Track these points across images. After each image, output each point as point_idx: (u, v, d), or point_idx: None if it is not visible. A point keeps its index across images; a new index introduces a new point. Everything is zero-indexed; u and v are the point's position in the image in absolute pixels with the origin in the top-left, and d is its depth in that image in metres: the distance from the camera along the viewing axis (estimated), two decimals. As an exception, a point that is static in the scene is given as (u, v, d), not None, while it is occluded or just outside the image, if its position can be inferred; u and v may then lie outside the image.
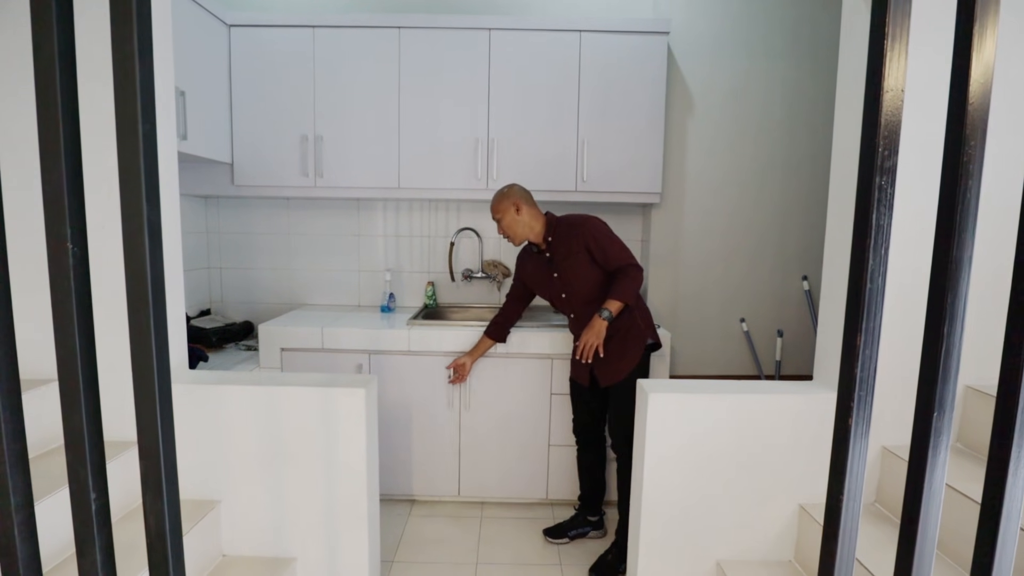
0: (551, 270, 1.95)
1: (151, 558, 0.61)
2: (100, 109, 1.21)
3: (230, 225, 2.73)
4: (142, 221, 0.55)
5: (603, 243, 1.86)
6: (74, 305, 0.57)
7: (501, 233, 1.97)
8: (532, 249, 2.02)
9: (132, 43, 0.51)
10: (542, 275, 2.00)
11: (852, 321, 0.60)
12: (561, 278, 1.93)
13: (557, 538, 2.10)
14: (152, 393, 0.58)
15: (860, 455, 0.61)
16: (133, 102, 0.53)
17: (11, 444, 0.60)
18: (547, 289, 2.01)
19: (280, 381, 1.54)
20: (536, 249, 2.00)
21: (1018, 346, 0.55)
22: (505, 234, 1.95)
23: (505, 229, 1.93)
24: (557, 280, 1.95)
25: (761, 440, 1.50)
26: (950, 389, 0.59)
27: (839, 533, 0.61)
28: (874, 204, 0.58)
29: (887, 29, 0.55)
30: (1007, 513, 0.56)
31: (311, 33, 2.32)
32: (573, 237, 1.88)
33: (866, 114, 0.57)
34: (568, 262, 1.89)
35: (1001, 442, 0.55)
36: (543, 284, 2.01)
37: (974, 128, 0.55)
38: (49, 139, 0.54)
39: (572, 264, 1.89)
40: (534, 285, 2.06)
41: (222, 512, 1.54)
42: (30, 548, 0.63)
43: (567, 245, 1.89)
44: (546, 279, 1.98)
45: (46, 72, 0.52)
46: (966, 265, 0.57)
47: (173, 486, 0.61)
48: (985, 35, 0.53)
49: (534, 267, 2.02)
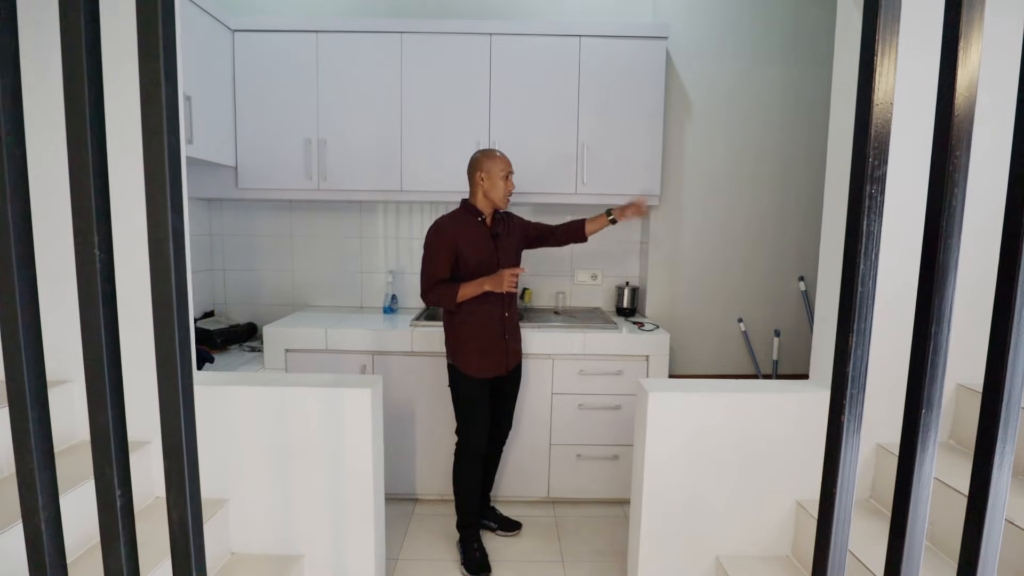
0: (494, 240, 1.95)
1: (174, 551, 0.64)
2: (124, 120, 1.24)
3: (234, 227, 2.75)
4: (167, 229, 0.57)
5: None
6: (101, 309, 0.60)
7: (511, 189, 1.93)
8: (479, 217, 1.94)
9: (159, 65, 0.54)
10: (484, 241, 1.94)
11: (844, 322, 0.63)
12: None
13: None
14: (176, 394, 0.61)
15: (852, 451, 0.64)
16: (159, 116, 0.56)
17: (39, 445, 0.63)
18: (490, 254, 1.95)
19: (287, 382, 1.56)
20: (482, 218, 1.95)
21: (1002, 344, 0.57)
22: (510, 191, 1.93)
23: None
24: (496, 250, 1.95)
25: (758, 438, 1.53)
26: (937, 387, 0.62)
27: (832, 525, 0.64)
28: (864, 211, 0.60)
29: (876, 45, 0.57)
30: (992, 505, 0.59)
31: (314, 38, 2.35)
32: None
33: (857, 125, 0.59)
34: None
35: (986, 437, 0.58)
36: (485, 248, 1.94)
37: (959, 139, 0.58)
38: (78, 152, 0.57)
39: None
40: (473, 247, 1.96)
41: (231, 511, 1.56)
42: (56, 543, 0.66)
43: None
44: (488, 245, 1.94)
45: (77, 98, 0.55)
46: (952, 269, 0.60)
47: (195, 483, 0.64)
48: (970, 50, 0.56)
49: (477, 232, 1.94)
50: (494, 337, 1.92)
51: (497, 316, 1.92)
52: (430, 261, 1.87)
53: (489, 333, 1.91)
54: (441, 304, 1.88)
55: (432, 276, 1.86)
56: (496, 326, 1.92)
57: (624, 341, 2.26)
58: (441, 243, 1.86)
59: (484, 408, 1.95)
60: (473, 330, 1.90)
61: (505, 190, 1.90)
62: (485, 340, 1.91)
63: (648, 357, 2.26)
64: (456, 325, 1.92)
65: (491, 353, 1.92)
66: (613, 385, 2.27)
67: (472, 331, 1.90)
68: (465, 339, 1.91)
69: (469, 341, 1.90)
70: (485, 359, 1.91)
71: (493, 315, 1.91)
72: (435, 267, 1.86)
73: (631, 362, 2.27)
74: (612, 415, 2.29)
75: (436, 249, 1.86)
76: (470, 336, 1.90)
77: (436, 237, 1.87)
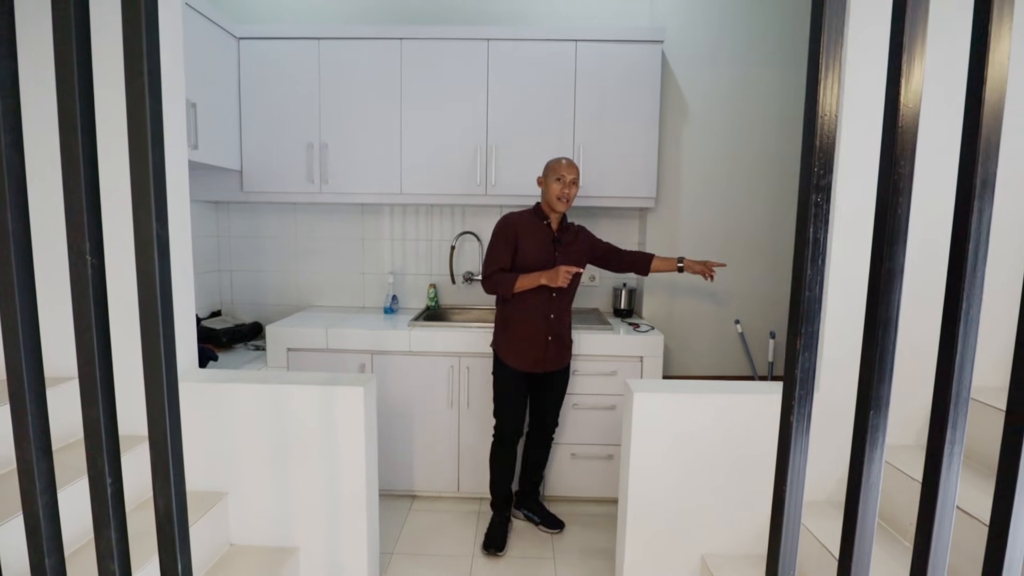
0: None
1: (160, 537, 0.69)
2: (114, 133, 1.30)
3: (240, 229, 2.82)
4: (152, 238, 0.62)
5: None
6: (93, 311, 0.64)
7: (574, 193, 1.99)
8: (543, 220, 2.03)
9: (143, 81, 0.58)
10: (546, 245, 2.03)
11: (793, 326, 0.66)
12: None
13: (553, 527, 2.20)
14: (161, 390, 0.65)
15: (802, 450, 0.67)
16: (144, 131, 0.60)
17: (37, 433, 0.68)
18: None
19: (284, 380, 1.62)
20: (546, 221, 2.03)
21: (950, 344, 0.60)
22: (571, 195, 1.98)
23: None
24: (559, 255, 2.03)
25: (744, 438, 1.55)
26: (885, 389, 0.64)
27: (783, 524, 0.67)
28: (811, 219, 0.63)
29: (821, 61, 0.60)
30: (943, 489, 0.61)
31: (317, 45, 2.41)
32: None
33: (804, 136, 0.62)
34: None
35: (937, 430, 0.60)
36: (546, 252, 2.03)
37: (904, 149, 0.60)
38: (70, 163, 0.61)
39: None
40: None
41: (230, 503, 1.62)
42: (53, 528, 0.71)
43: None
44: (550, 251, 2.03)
45: (69, 111, 0.59)
46: (898, 275, 0.62)
47: (180, 473, 0.69)
48: (913, 66, 0.59)
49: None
50: (537, 335, 2.01)
51: (543, 315, 2.01)
52: (492, 248, 2.00)
53: (533, 330, 2.00)
54: (498, 290, 1.98)
55: (493, 263, 1.99)
56: (540, 325, 2.01)
57: (619, 342, 2.28)
58: (503, 234, 1.99)
59: (519, 399, 2.07)
60: (518, 324, 2.01)
61: (555, 193, 1.95)
62: (527, 336, 2.01)
63: (642, 358, 2.28)
64: (505, 316, 2.04)
65: (531, 350, 2.01)
66: (607, 385, 2.30)
67: (517, 325, 2.01)
68: (509, 330, 2.02)
69: (512, 333, 2.02)
70: (523, 354, 2.01)
71: (540, 314, 2.00)
72: (496, 254, 1.99)
73: (625, 363, 2.29)
74: (606, 415, 2.32)
75: (498, 238, 2.00)
76: (514, 329, 2.01)
77: (500, 228, 2.01)
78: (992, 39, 0.57)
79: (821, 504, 1.60)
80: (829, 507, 1.58)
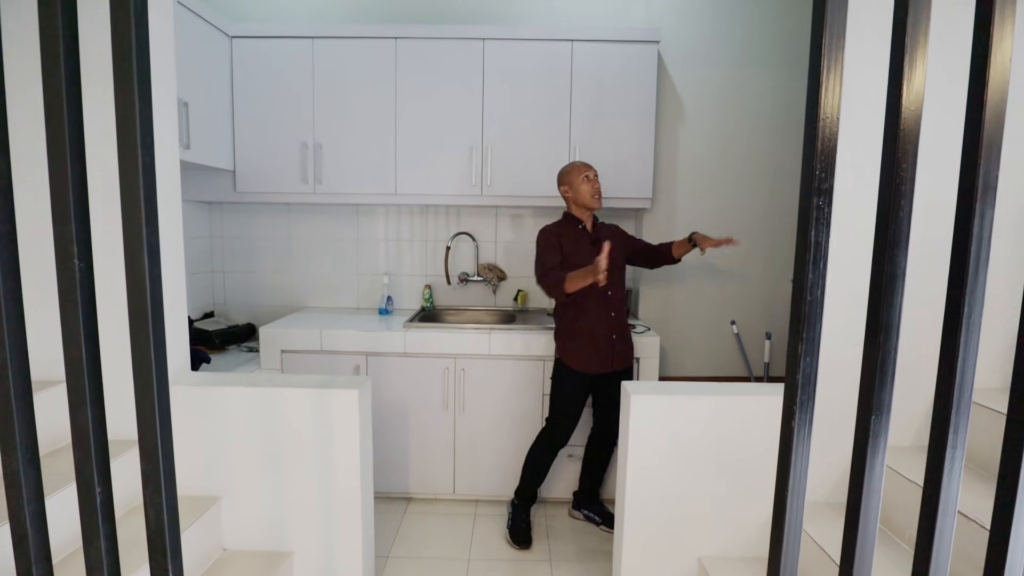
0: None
1: (151, 547, 0.67)
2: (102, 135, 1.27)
3: (233, 230, 2.79)
4: (142, 243, 0.60)
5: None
6: (80, 315, 0.63)
7: (598, 188, 2.08)
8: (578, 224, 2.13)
9: (132, 86, 0.57)
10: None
11: (794, 330, 0.65)
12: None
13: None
14: (151, 399, 0.64)
15: (803, 454, 0.66)
16: (133, 136, 0.59)
17: (24, 443, 0.66)
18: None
19: (277, 383, 1.60)
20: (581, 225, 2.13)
21: (952, 349, 0.59)
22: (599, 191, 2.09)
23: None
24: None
25: (741, 440, 1.55)
26: (887, 394, 0.64)
27: (784, 527, 0.66)
28: (812, 222, 0.62)
29: (822, 62, 0.59)
30: (945, 494, 0.61)
31: (310, 44, 2.38)
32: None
33: (806, 139, 0.61)
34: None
35: (938, 435, 0.60)
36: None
37: (905, 152, 0.60)
38: (58, 167, 0.60)
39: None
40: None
41: (223, 508, 1.60)
42: (41, 538, 0.69)
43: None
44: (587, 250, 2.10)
45: (55, 110, 0.58)
46: (900, 279, 0.62)
47: (171, 484, 0.67)
48: (915, 66, 0.58)
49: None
50: (602, 334, 2.05)
51: (605, 314, 2.05)
52: (541, 252, 2.06)
53: (598, 329, 2.04)
54: (551, 288, 1.99)
55: (545, 264, 2.04)
56: (604, 323, 2.05)
57: (615, 343, 2.28)
58: (548, 240, 2.07)
59: (579, 404, 2.11)
60: (583, 326, 2.05)
61: (588, 192, 2.04)
62: (594, 336, 2.04)
63: (639, 359, 2.28)
64: (567, 321, 2.08)
65: (599, 350, 2.04)
66: (604, 387, 2.29)
67: (581, 327, 2.05)
68: (574, 333, 2.06)
69: (578, 336, 2.06)
70: (592, 355, 2.05)
71: (602, 313, 2.05)
72: (547, 256, 2.05)
73: (622, 364, 2.28)
74: (603, 416, 2.31)
75: (545, 243, 2.07)
76: (579, 331, 2.05)
77: (543, 236, 2.10)
78: (994, 41, 0.57)
79: (819, 506, 1.60)
80: (827, 508, 1.58)
